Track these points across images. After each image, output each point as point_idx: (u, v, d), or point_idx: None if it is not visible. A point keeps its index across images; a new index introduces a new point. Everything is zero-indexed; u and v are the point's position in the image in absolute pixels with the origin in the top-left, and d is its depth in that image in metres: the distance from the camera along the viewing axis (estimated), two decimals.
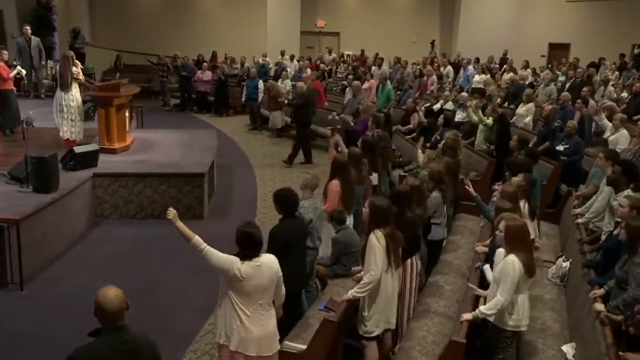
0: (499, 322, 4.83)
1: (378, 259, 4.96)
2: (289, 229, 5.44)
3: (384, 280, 5.04)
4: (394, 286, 5.15)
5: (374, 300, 5.06)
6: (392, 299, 5.17)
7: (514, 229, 4.79)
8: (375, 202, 5.20)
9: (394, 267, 5.11)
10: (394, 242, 5.09)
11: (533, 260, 4.81)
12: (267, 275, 4.42)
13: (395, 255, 5.11)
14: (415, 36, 25.68)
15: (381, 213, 5.10)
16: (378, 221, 5.09)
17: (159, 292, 7.03)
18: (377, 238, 5.00)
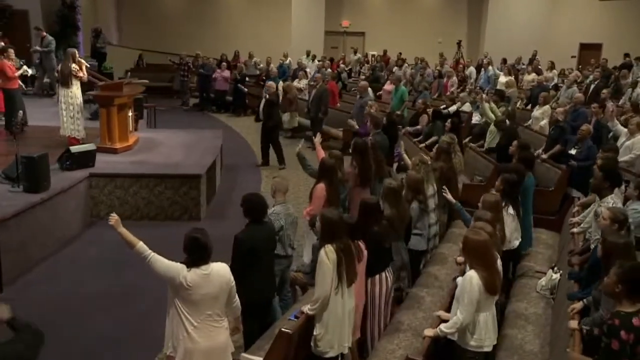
0: (461, 341, 4.60)
1: (326, 276, 4.64)
2: (254, 235, 5.24)
3: (334, 299, 4.71)
4: (345, 306, 4.79)
5: (324, 319, 4.75)
6: (343, 320, 4.79)
7: (473, 243, 4.53)
8: (326, 214, 4.89)
9: (347, 284, 4.76)
10: (347, 257, 4.76)
11: (495, 277, 4.53)
12: (216, 284, 4.23)
13: (349, 271, 4.76)
14: (441, 36, 25.26)
15: (332, 226, 4.78)
16: (329, 235, 4.77)
17: (143, 295, 6.89)
18: (327, 253, 4.67)
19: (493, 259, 4.58)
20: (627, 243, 4.63)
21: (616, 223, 5.23)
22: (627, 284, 3.92)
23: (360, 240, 5.29)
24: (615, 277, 3.96)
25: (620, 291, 3.93)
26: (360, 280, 5.28)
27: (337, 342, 4.79)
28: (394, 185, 6.15)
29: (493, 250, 4.62)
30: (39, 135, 11.14)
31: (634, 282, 3.93)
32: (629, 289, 3.92)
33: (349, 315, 4.86)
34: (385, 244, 5.66)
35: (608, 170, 6.38)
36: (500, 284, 4.62)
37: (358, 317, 5.35)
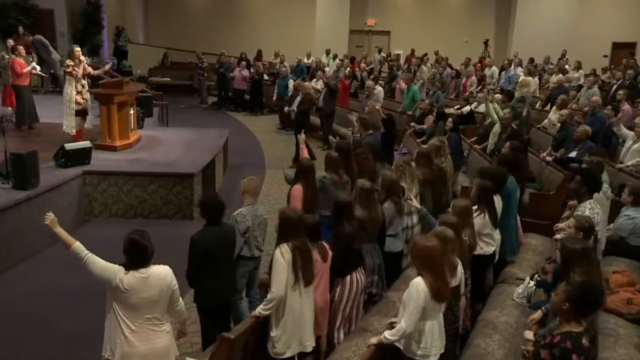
0: (406, 350, 4.44)
1: (281, 275, 4.60)
2: (210, 236, 5.17)
3: (291, 298, 4.67)
4: (303, 305, 4.74)
5: (281, 319, 4.70)
6: (301, 319, 4.75)
7: (421, 248, 4.34)
8: (285, 212, 4.84)
9: (303, 283, 4.71)
10: (303, 256, 4.71)
11: (443, 283, 4.33)
12: (156, 288, 4.15)
13: (305, 271, 4.71)
14: (468, 36, 24.83)
15: (289, 225, 4.74)
16: (286, 234, 4.73)
17: None
18: (282, 253, 4.64)
19: (441, 266, 4.39)
20: (584, 249, 4.44)
21: (581, 231, 5.03)
22: (575, 303, 3.74)
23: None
24: (564, 295, 3.78)
25: (568, 309, 3.76)
26: (326, 280, 5.24)
27: (296, 342, 4.75)
28: (366, 185, 5.98)
29: (442, 257, 4.43)
30: (47, 132, 11.32)
31: (582, 300, 3.76)
32: (576, 308, 3.75)
33: (309, 314, 4.83)
34: (356, 245, 5.52)
35: (587, 174, 6.11)
36: (448, 291, 4.42)
37: (322, 317, 5.27)
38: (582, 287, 3.82)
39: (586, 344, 3.68)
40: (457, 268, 4.81)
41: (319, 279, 5.13)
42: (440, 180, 7.44)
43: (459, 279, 4.86)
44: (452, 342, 4.96)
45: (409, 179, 6.83)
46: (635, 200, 6.89)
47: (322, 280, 5.19)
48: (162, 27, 24.83)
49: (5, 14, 18.41)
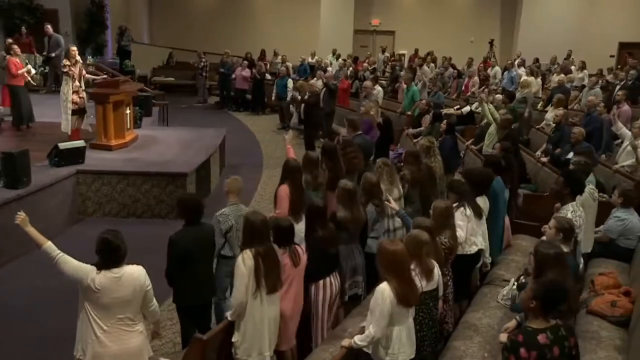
0: (374, 355, 4.43)
1: (241, 282, 4.54)
2: (188, 236, 5.16)
3: (252, 306, 4.58)
4: (264, 313, 4.65)
5: (242, 326, 4.64)
6: (262, 328, 4.66)
7: (385, 253, 4.33)
8: (248, 217, 4.78)
9: (266, 291, 4.62)
10: (267, 263, 4.61)
11: (409, 288, 4.29)
12: (128, 288, 4.14)
13: (269, 278, 4.62)
14: (474, 36, 24.71)
15: (252, 230, 4.67)
16: (250, 239, 4.67)
17: None
18: (244, 259, 4.56)
19: (407, 270, 4.35)
20: (557, 254, 4.40)
21: (561, 232, 5.01)
22: (541, 300, 3.74)
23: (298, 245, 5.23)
24: (531, 292, 3.79)
25: (535, 307, 3.76)
26: (298, 285, 5.18)
27: (256, 350, 4.67)
28: (348, 186, 5.96)
29: (408, 261, 4.39)
30: (44, 131, 11.36)
31: (547, 298, 3.76)
32: (542, 305, 3.74)
33: (270, 323, 4.73)
34: (330, 249, 5.49)
35: (570, 176, 6.05)
36: (415, 296, 4.38)
37: (293, 325, 5.22)
38: (547, 284, 3.82)
39: (543, 341, 3.66)
40: (433, 271, 4.77)
41: (288, 284, 5.06)
42: (429, 180, 7.38)
43: (436, 282, 4.81)
44: (431, 346, 4.93)
45: (387, 180, 6.80)
46: (625, 202, 6.87)
47: (292, 286, 5.10)
48: (167, 27, 24.86)
49: (10, 14, 18.52)
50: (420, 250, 4.67)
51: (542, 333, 3.69)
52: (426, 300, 4.74)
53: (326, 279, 5.42)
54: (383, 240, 4.65)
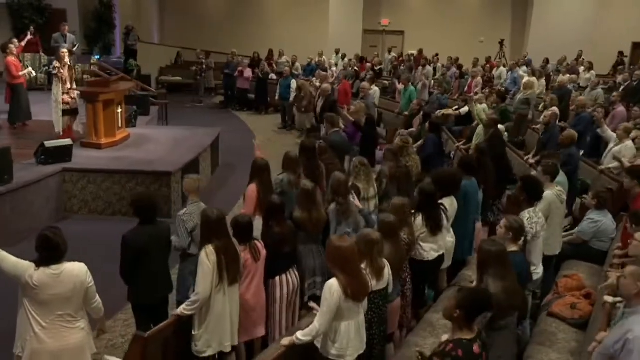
0: (322, 350, 4.45)
1: (206, 277, 4.64)
2: (143, 235, 5.20)
3: (215, 298, 4.71)
4: (226, 305, 4.78)
5: (203, 319, 4.75)
6: (223, 319, 4.79)
7: (333, 249, 4.36)
8: (205, 213, 4.87)
9: (227, 283, 4.75)
10: (227, 257, 4.75)
11: (357, 283, 4.31)
12: (68, 285, 4.18)
13: (230, 271, 4.75)
14: (484, 36, 24.51)
15: (211, 226, 4.77)
16: (208, 235, 4.76)
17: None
18: (207, 254, 4.68)
19: (355, 266, 4.37)
20: (499, 251, 4.39)
21: (510, 232, 4.98)
22: (465, 310, 3.72)
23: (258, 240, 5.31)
24: (455, 302, 3.75)
25: (459, 316, 3.74)
26: (259, 279, 5.27)
27: (217, 341, 4.79)
28: (307, 187, 5.99)
29: (356, 257, 4.40)
30: (40, 130, 11.46)
31: (471, 307, 3.74)
32: (466, 315, 3.73)
33: (232, 315, 4.86)
34: (286, 247, 5.51)
35: (527, 182, 6.01)
36: (364, 291, 4.39)
37: (257, 316, 5.30)
38: (471, 294, 3.80)
39: (477, 351, 3.68)
40: (384, 271, 4.77)
41: (250, 279, 5.18)
42: (406, 178, 7.39)
43: (386, 281, 4.82)
44: (381, 345, 4.94)
45: (364, 179, 6.84)
46: (599, 204, 6.79)
47: (254, 280, 5.22)
48: (177, 27, 25.04)
49: (20, 14, 18.79)
50: (371, 250, 4.69)
51: (475, 343, 3.69)
52: (375, 299, 4.77)
53: (282, 275, 5.48)
54: (332, 236, 4.65)
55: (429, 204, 5.88)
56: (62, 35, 15.43)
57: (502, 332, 4.34)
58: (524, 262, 5.11)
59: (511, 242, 5.02)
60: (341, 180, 6.29)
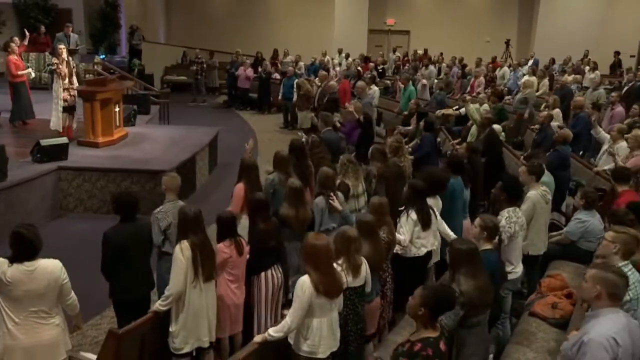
0: (295, 346, 4.49)
1: (180, 272, 4.71)
2: (123, 232, 5.25)
3: (191, 294, 4.76)
4: (202, 301, 4.83)
5: (180, 315, 4.80)
6: (200, 315, 4.84)
7: (306, 246, 4.43)
8: (182, 210, 4.93)
9: (203, 279, 4.80)
10: (203, 252, 4.80)
11: (329, 280, 4.34)
12: (42, 282, 4.21)
13: (205, 267, 4.80)
14: (490, 35, 24.45)
15: (188, 222, 4.83)
16: (184, 231, 4.83)
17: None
18: (182, 250, 4.73)
19: (327, 263, 4.40)
20: (470, 250, 4.39)
21: (485, 231, 4.99)
22: (430, 308, 3.72)
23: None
24: (419, 300, 3.75)
25: (424, 314, 3.73)
26: (242, 275, 5.33)
27: (194, 337, 4.84)
28: (295, 185, 6.05)
29: (329, 255, 4.43)
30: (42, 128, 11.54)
31: (437, 305, 3.75)
32: (431, 313, 3.73)
33: (209, 311, 4.91)
34: (271, 242, 5.54)
35: (507, 183, 6.00)
36: (336, 288, 4.41)
37: (237, 312, 5.35)
38: (435, 292, 3.80)
39: (443, 348, 3.68)
40: (360, 268, 4.78)
41: (233, 275, 5.25)
42: (396, 178, 7.36)
43: (363, 279, 4.84)
44: (357, 342, 4.94)
45: (352, 177, 6.85)
46: (587, 204, 6.76)
47: (237, 276, 5.29)
48: (183, 26, 25.17)
49: (26, 14, 18.97)
50: (348, 247, 4.73)
51: (441, 340, 3.70)
52: (351, 296, 4.79)
53: (267, 271, 5.51)
54: (309, 233, 4.68)
55: (420, 199, 5.88)
56: (65, 35, 15.54)
57: (474, 330, 4.36)
58: (498, 261, 5.12)
59: (485, 240, 5.03)
60: (328, 174, 6.33)
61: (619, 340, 3.29)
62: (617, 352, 3.27)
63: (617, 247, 4.28)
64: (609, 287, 3.45)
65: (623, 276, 3.55)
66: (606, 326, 3.37)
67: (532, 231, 6.31)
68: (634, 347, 3.40)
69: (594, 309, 3.49)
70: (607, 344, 3.28)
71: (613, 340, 3.29)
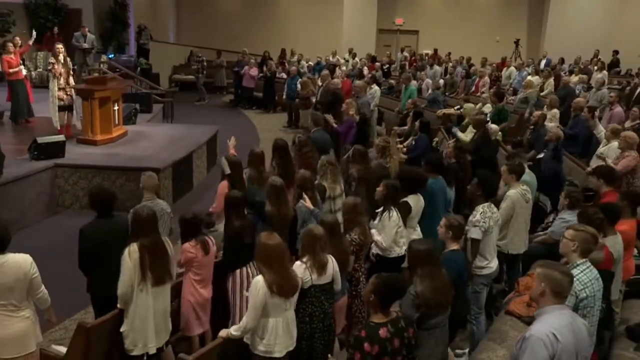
0: (251, 346, 4.53)
1: (124, 273, 4.67)
2: (100, 229, 5.32)
3: (137, 297, 4.70)
4: (148, 305, 4.74)
5: (130, 317, 4.76)
6: (147, 319, 4.75)
7: (259, 245, 4.46)
8: (137, 210, 4.93)
9: (152, 282, 4.73)
10: (153, 256, 4.72)
11: (283, 280, 4.38)
12: (11, 275, 4.27)
13: (155, 270, 4.72)
14: (500, 35, 24.34)
15: (140, 224, 4.81)
16: (136, 232, 4.81)
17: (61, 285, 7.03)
18: (130, 252, 4.67)
19: (280, 263, 4.43)
20: (428, 250, 4.42)
21: (450, 230, 5.03)
22: (379, 295, 3.87)
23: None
24: (370, 287, 3.90)
25: (374, 301, 3.89)
26: (208, 274, 5.42)
27: (142, 341, 4.78)
28: (276, 182, 6.09)
29: (282, 254, 4.48)
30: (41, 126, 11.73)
31: (385, 293, 3.88)
32: (380, 300, 3.87)
33: (157, 316, 4.82)
34: (246, 239, 5.58)
35: (483, 179, 6.00)
36: (290, 287, 4.44)
37: (202, 311, 5.41)
38: (385, 280, 3.92)
39: (384, 335, 3.78)
40: (326, 266, 4.82)
41: (200, 273, 5.34)
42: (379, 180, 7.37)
43: (330, 277, 4.86)
44: (323, 339, 4.95)
45: (330, 178, 6.87)
46: (571, 204, 6.73)
47: (204, 274, 5.38)
48: (192, 26, 25.36)
49: (37, 14, 19.18)
50: (313, 245, 4.76)
51: (383, 327, 3.82)
52: (317, 293, 4.81)
53: (243, 268, 5.54)
54: (262, 233, 4.72)
55: (394, 197, 5.92)
56: (82, 35, 15.75)
57: (432, 332, 4.36)
58: (464, 261, 5.16)
59: (451, 240, 5.07)
60: (306, 176, 6.38)
61: (559, 336, 3.30)
62: (556, 348, 3.27)
63: (576, 245, 4.29)
64: (553, 285, 3.46)
65: (568, 274, 3.55)
66: (548, 323, 3.38)
67: (511, 230, 6.33)
68: (578, 345, 3.40)
69: (540, 307, 3.51)
70: (547, 340, 3.28)
71: (553, 337, 3.29)
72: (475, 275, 5.70)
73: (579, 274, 4.18)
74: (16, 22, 18.44)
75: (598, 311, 4.29)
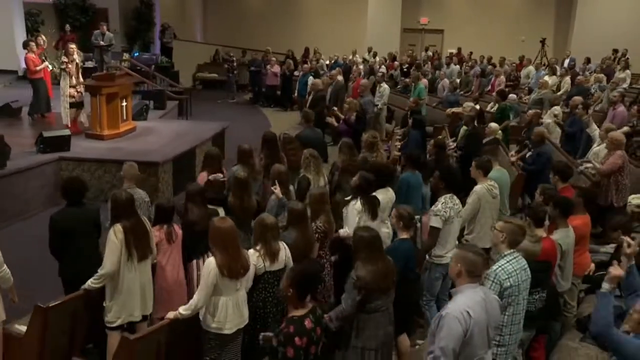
0: (203, 322, 4.77)
1: (112, 253, 4.99)
2: (70, 216, 5.59)
3: (124, 273, 5.04)
4: (135, 280, 5.10)
5: (114, 292, 5.09)
6: (133, 293, 5.12)
7: (211, 228, 4.71)
8: (114, 195, 5.23)
9: (137, 259, 5.08)
10: (135, 235, 5.08)
11: (232, 262, 4.60)
12: None
13: (139, 248, 5.09)
14: (526, 34, 24.04)
15: (118, 206, 5.13)
16: (116, 214, 5.13)
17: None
18: (115, 232, 5.02)
19: (231, 245, 4.65)
20: (371, 237, 4.55)
21: (400, 220, 5.18)
22: (297, 288, 3.99)
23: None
24: (287, 281, 4.03)
25: (292, 295, 4.01)
26: (173, 260, 5.63)
27: (126, 312, 5.13)
28: (240, 175, 6.31)
29: (232, 237, 4.69)
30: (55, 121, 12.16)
31: (302, 285, 4.01)
32: (298, 293, 4.00)
33: (143, 288, 5.20)
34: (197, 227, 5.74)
35: (444, 172, 6.10)
36: (238, 269, 4.64)
37: (176, 294, 5.61)
38: (300, 272, 4.06)
39: (309, 326, 3.91)
40: (278, 254, 5.00)
41: (166, 259, 5.57)
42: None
43: (282, 264, 5.04)
44: (278, 322, 5.10)
45: (314, 170, 7.07)
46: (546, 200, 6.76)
47: (169, 260, 5.60)
48: (218, 25, 25.78)
49: (66, 13, 19.79)
50: (265, 234, 4.96)
51: (307, 318, 3.98)
52: (270, 279, 5.01)
53: (200, 259, 5.76)
54: (215, 218, 4.93)
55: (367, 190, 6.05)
56: (101, 33, 16.20)
57: (373, 315, 4.49)
58: (412, 249, 5.30)
59: (402, 230, 5.20)
60: (280, 170, 6.60)
61: (472, 313, 3.56)
62: (469, 323, 3.53)
63: (504, 236, 4.37)
64: (467, 265, 3.69)
65: (481, 255, 3.75)
66: (462, 301, 3.64)
67: (478, 224, 6.43)
68: (489, 319, 3.69)
69: (457, 286, 3.70)
70: (461, 317, 3.53)
71: (466, 314, 3.54)
72: (433, 264, 5.84)
73: (504, 264, 4.29)
74: (45, 21, 19.08)
75: (524, 300, 4.38)
